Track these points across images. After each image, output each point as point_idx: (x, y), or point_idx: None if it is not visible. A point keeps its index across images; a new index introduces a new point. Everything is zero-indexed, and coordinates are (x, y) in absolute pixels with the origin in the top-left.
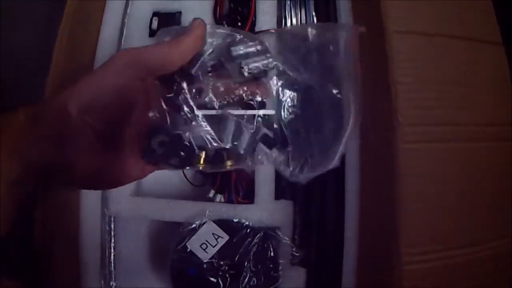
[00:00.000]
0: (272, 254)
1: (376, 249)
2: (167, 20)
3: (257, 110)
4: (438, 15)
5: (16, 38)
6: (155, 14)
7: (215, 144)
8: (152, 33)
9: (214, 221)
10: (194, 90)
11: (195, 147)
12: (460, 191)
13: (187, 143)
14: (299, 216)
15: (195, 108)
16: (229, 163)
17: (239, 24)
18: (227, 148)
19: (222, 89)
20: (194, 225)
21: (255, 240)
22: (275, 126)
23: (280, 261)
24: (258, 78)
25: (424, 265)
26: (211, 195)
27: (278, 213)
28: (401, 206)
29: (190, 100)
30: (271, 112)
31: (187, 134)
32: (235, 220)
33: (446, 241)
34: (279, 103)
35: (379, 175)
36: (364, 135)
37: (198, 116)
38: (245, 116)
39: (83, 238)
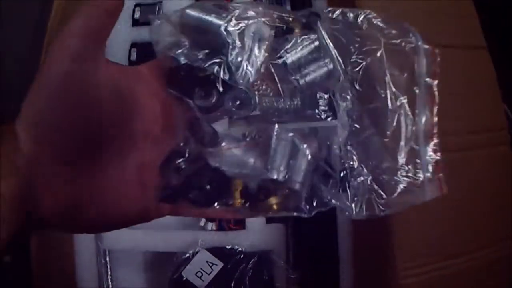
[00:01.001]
0: (267, 277)
1: (371, 264)
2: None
3: (319, 122)
4: (420, 26)
5: (16, 38)
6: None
7: (259, 173)
8: (131, 61)
9: (207, 249)
10: (229, 96)
11: (228, 176)
12: (457, 200)
13: (216, 171)
14: (292, 238)
15: (228, 121)
16: (273, 200)
17: None
18: (275, 180)
19: (271, 93)
20: (188, 255)
21: (249, 265)
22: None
23: (276, 284)
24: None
25: (420, 278)
26: (202, 223)
27: (270, 236)
28: (395, 220)
29: (222, 109)
30: (336, 124)
31: (215, 158)
32: (228, 247)
33: (442, 252)
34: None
35: None
36: None
37: (232, 133)
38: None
39: (80, 273)
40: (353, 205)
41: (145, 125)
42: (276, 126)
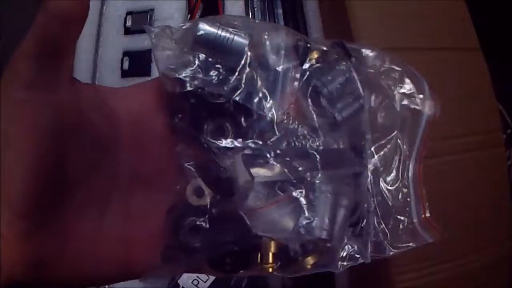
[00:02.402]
0: (263, 284)
1: (367, 269)
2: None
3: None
4: (413, 28)
5: (16, 38)
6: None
7: (302, 234)
8: (123, 70)
9: None
10: (250, 131)
11: (258, 237)
12: (455, 203)
13: (241, 228)
14: None
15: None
16: (310, 260)
17: None
18: (318, 239)
19: (302, 129)
20: None
21: None
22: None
23: None
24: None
25: (416, 282)
26: None
27: None
28: None
29: (241, 148)
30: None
31: (240, 212)
32: None
33: (439, 255)
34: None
35: None
36: None
37: (256, 180)
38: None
39: None
40: (368, 251)
41: (134, 164)
42: (319, 175)
